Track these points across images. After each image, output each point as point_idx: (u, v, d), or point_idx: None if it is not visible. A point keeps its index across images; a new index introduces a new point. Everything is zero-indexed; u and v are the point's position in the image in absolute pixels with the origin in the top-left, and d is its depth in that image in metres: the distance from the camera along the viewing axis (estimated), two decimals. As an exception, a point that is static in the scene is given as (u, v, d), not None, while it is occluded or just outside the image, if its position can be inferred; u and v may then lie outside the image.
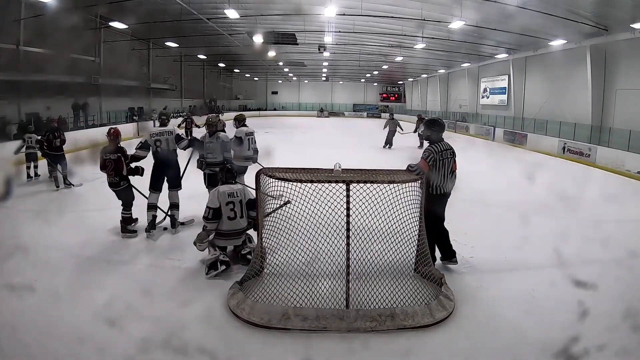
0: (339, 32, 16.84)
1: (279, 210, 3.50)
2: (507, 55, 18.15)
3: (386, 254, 3.22)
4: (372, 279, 3.11)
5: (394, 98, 40.09)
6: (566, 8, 11.21)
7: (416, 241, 3.37)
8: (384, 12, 13.79)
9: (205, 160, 5.02)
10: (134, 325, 2.78)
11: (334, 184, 3.05)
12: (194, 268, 3.77)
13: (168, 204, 4.85)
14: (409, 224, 3.25)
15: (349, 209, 2.98)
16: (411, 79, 34.44)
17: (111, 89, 17.13)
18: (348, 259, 3.01)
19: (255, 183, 3.38)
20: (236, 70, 34.90)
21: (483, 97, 22.42)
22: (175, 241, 4.44)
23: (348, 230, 3.00)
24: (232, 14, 12.65)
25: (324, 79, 37.19)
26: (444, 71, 26.53)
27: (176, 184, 4.87)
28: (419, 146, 13.16)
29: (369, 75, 34.52)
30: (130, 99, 19.28)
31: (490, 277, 3.71)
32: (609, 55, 12.70)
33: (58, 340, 2.60)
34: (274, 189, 3.29)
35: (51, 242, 4.28)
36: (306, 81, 39.46)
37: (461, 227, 4.50)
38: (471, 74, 23.32)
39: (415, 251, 3.42)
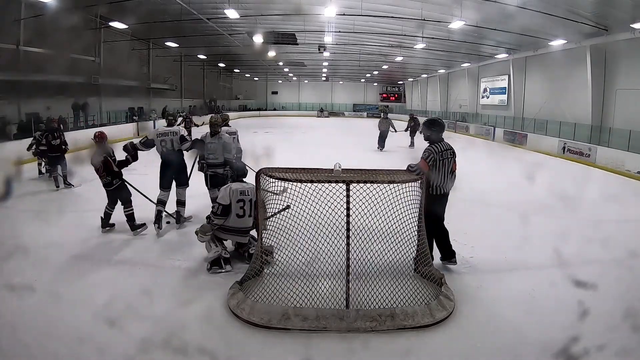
0: (339, 32, 16.84)
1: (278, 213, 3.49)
2: (507, 55, 18.15)
3: (386, 254, 3.22)
4: (372, 279, 3.11)
5: (394, 98, 40.08)
6: (566, 8, 11.21)
7: (416, 241, 3.38)
8: (384, 12, 13.79)
9: (207, 162, 4.98)
10: (134, 325, 2.78)
11: (334, 184, 3.05)
12: (194, 268, 3.77)
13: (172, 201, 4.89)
14: (409, 224, 3.25)
15: (349, 209, 2.98)
16: (411, 79, 34.44)
17: (111, 89, 17.12)
18: (348, 259, 3.01)
19: (255, 183, 3.39)
20: (236, 70, 34.89)
21: (483, 97, 22.42)
22: (176, 241, 4.44)
23: (348, 230, 2.99)
24: (232, 14, 12.65)
25: (324, 79, 37.18)
26: (444, 71, 26.53)
27: (182, 181, 4.98)
28: (409, 145, 13.16)
29: (369, 75, 34.52)
30: (130, 99, 19.26)
31: (490, 277, 3.71)
32: (609, 55, 12.70)
33: (58, 340, 2.60)
34: (276, 185, 3.29)
35: (51, 242, 4.28)
36: (306, 81, 39.45)
37: (461, 227, 4.50)
38: (471, 74, 23.31)
39: (415, 251, 3.42)
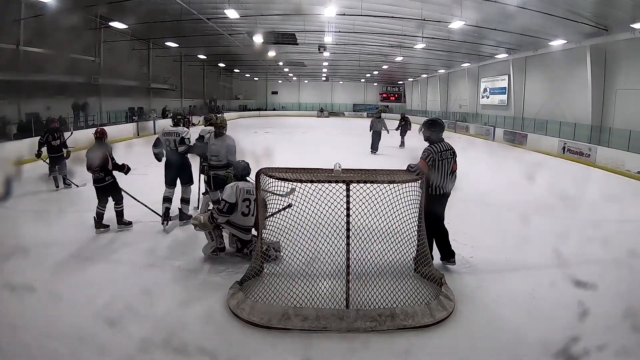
0: (339, 32, 16.83)
1: (281, 211, 3.50)
2: (507, 55, 18.14)
3: (386, 254, 3.22)
4: (372, 279, 3.11)
5: (394, 98, 40.07)
6: (566, 8, 11.20)
7: (416, 241, 3.38)
8: (384, 12, 13.79)
9: (209, 164, 4.85)
10: (134, 325, 2.78)
11: (334, 184, 3.05)
12: (194, 268, 3.77)
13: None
14: (409, 224, 3.25)
15: (349, 209, 2.98)
16: (411, 79, 34.43)
17: (111, 89, 17.11)
18: (348, 259, 3.01)
19: (255, 183, 3.39)
20: (236, 70, 34.89)
21: (483, 97, 22.41)
22: (176, 241, 4.44)
23: (348, 230, 2.99)
24: (232, 14, 12.65)
25: (324, 79, 37.17)
26: (444, 71, 26.53)
27: (185, 180, 4.99)
28: (399, 145, 13.15)
29: (369, 75, 34.50)
30: (130, 99, 19.26)
31: (490, 277, 3.71)
32: (609, 55, 12.70)
33: (58, 340, 2.60)
34: (283, 186, 3.29)
35: (51, 242, 4.27)
36: (306, 81, 39.44)
37: (461, 227, 4.50)
38: (471, 74, 23.31)
39: (415, 251, 3.43)
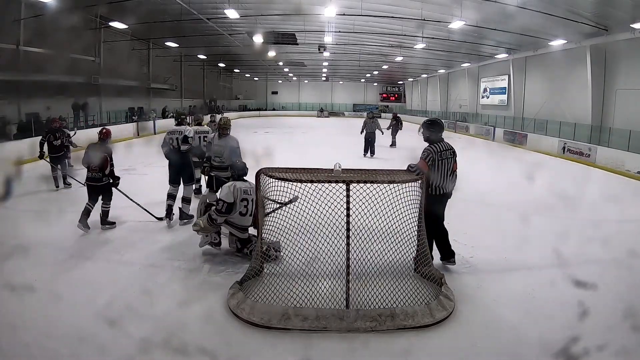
0: (339, 32, 16.84)
1: (283, 207, 3.47)
2: (507, 55, 18.15)
3: (386, 254, 3.22)
4: (372, 279, 3.11)
5: (394, 98, 40.08)
6: (566, 8, 11.21)
7: (416, 241, 3.38)
8: (384, 12, 13.80)
9: (212, 164, 4.84)
10: (134, 325, 2.78)
11: (334, 184, 3.05)
12: (194, 268, 3.77)
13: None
14: (409, 224, 3.25)
15: (349, 209, 2.98)
16: (411, 79, 34.44)
17: (111, 89, 17.13)
18: (348, 259, 3.01)
19: (255, 183, 3.38)
20: (236, 70, 34.91)
21: (483, 97, 22.42)
22: (176, 241, 4.44)
23: (348, 230, 2.99)
24: (232, 14, 12.66)
25: (324, 79, 37.19)
26: (444, 71, 26.53)
27: (186, 179, 5.00)
28: (390, 145, 13.16)
29: (369, 75, 34.52)
30: (130, 99, 19.27)
31: (490, 277, 3.71)
32: (609, 55, 12.70)
33: (58, 340, 2.59)
34: (285, 194, 3.30)
35: (51, 242, 4.27)
36: (306, 81, 39.46)
37: (461, 227, 4.50)
38: (471, 74, 23.31)
39: (415, 251, 3.43)
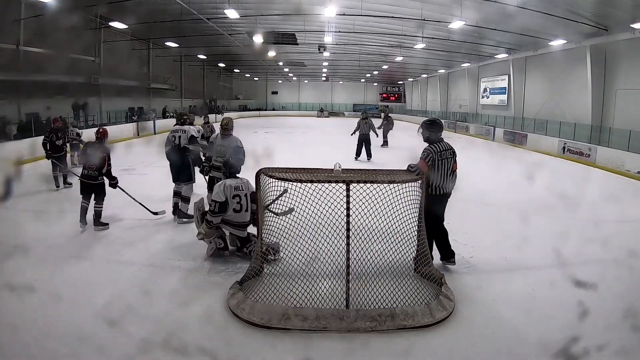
0: (339, 32, 16.84)
1: (281, 206, 3.48)
2: (507, 55, 18.15)
3: (386, 254, 3.22)
4: (372, 279, 3.11)
5: (394, 98, 40.08)
6: (566, 8, 11.21)
7: (416, 241, 3.38)
8: (384, 12, 13.80)
9: (213, 164, 4.81)
10: (134, 325, 2.78)
11: (334, 184, 3.05)
12: (194, 268, 3.77)
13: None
14: (409, 224, 3.25)
15: (349, 209, 2.98)
16: (411, 79, 34.44)
17: (111, 89, 17.13)
18: (348, 259, 3.01)
19: (255, 183, 3.39)
20: (236, 70, 34.90)
21: (483, 97, 22.42)
22: (176, 241, 4.44)
23: (348, 230, 2.99)
24: (232, 14, 12.65)
25: (324, 79, 37.19)
26: (444, 71, 26.53)
27: (183, 178, 5.10)
28: (382, 145, 13.16)
29: (369, 75, 34.52)
30: (130, 99, 19.28)
31: (490, 277, 3.71)
32: (609, 55, 12.70)
33: (58, 340, 2.60)
34: (282, 205, 3.32)
35: (51, 242, 4.27)
36: (306, 81, 39.46)
37: (461, 227, 4.51)
38: (471, 74, 23.32)
39: (415, 251, 3.43)
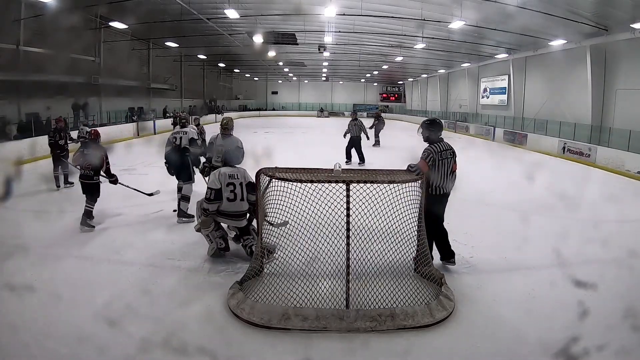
0: (339, 32, 16.84)
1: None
2: (507, 55, 18.15)
3: (386, 254, 3.22)
4: (372, 279, 3.11)
5: (394, 98, 40.09)
6: (566, 8, 11.21)
7: (416, 241, 3.38)
8: (384, 12, 13.80)
9: (213, 165, 4.79)
10: (134, 325, 2.78)
11: (334, 184, 3.05)
12: (194, 268, 3.77)
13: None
14: (409, 224, 3.25)
15: (349, 209, 2.98)
16: (411, 79, 34.45)
17: (111, 89, 17.13)
18: (348, 259, 3.01)
19: (255, 183, 3.38)
20: (236, 70, 34.91)
21: (483, 97, 22.42)
22: (176, 241, 4.44)
23: (348, 230, 2.99)
24: (232, 14, 12.65)
25: (324, 79, 37.18)
26: (444, 71, 26.53)
27: (185, 178, 5.22)
28: (373, 144, 13.17)
29: (369, 75, 34.52)
30: (130, 99, 19.28)
31: (490, 277, 3.71)
32: (609, 55, 12.70)
33: (58, 340, 2.60)
34: (277, 217, 3.32)
35: (51, 242, 4.28)
36: (306, 81, 39.46)
37: (461, 227, 4.51)
38: (471, 74, 23.31)
39: (415, 251, 3.43)
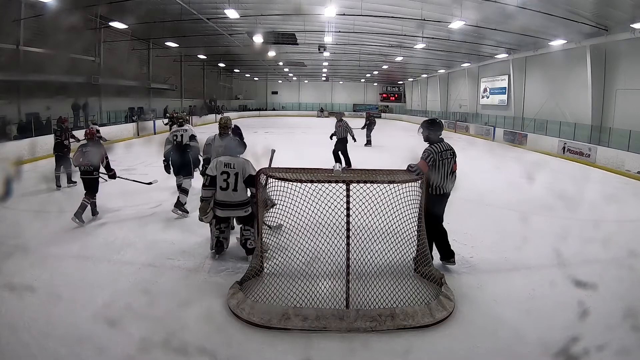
0: (339, 32, 16.83)
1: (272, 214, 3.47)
2: (507, 55, 18.15)
3: (386, 254, 3.22)
4: (372, 279, 3.11)
5: (394, 98, 40.07)
6: (566, 8, 11.21)
7: (416, 241, 3.38)
8: (384, 12, 13.79)
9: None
10: (134, 325, 2.78)
11: (334, 184, 3.05)
12: (194, 268, 3.77)
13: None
14: (408, 224, 3.25)
15: (349, 209, 2.98)
16: (411, 79, 34.44)
17: (111, 89, 17.13)
18: (348, 259, 3.01)
19: (255, 184, 3.39)
20: (236, 70, 34.88)
21: (483, 97, 22.42)
22: (176, 241, 4.44)
23: (348, 230, 3.00)
24: (232, 14, 12.65)
25: (324, 79, 37.16)
26: (444, 71, 26.53)
27: (186, 173, 5.46)
28: (365, 144, 13.17)
29: (369, 75, 34.50)
30: (130, 99, 19.27)
31: (490, 277, 3.71)
32: (609, 55, 12.70)
33: (58, 340, 2.60)
34: (272, 219, 3.35)
35: (51, 242, 4.28)
36: (306, 81, 39.44)
37: (461, 227, 4.51)
38: (471, 74, 23.32)
39: (415, 251, 3.43)
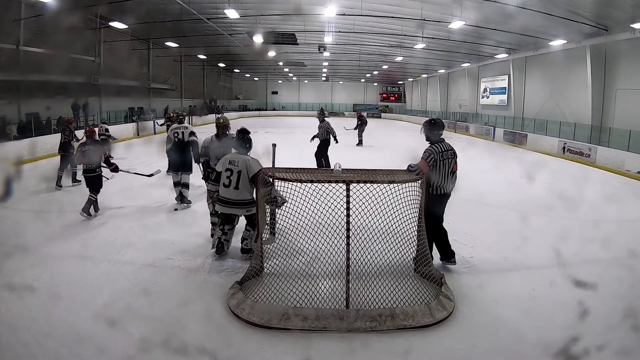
0: (339, 32, 16.84)
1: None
2: (507, 55, 18.15)
3: (386, 254, 3.22)
4: (372, 279, 3.11)
5: (394, 98, 40.07)
6: (566, 8, 11.21)
7: (416, 241, 3.38)
8: (384, 12, 13.80)
9: (214, 169, 4.47)
10: (134, 325, 2.78)
11: (334, 184, 3.05)
12: (194, 268, 3.77)
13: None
14: (409, 224, 3.25)
15: (349, 209, 2.98)
16: (411, 79, 34.45)
17: (111, 89, 17.13)
18: (348, 259, 3.01)
19: (255, 184, 3.39)
20: (236, 70, 34.89)
21: (483, 97, 22.42)
22: (176, 240, 4.44)
23: (348, 230, 3.00)
24: (232, 14, 12.65)
25: (324, 79, 37.17)
26: (444, 71, 26.54)
27: (187, 168, 5.61)
28: (357, 144, 13.17)
29: (369, 75, 34.51)
30: (130, 99, 19.28)
31: (490, 277, 3.71)
32: (609, 55, 12.71)
33: (58, 340, 2.60)
34: (285, 194, 3.33)
35: (51, 242, 4.28)
36: (306, 81, 39.46)
37: (461, 227, 4.51)
38: (471, 74, 23.32)
39: (415, 251, 3.43)
